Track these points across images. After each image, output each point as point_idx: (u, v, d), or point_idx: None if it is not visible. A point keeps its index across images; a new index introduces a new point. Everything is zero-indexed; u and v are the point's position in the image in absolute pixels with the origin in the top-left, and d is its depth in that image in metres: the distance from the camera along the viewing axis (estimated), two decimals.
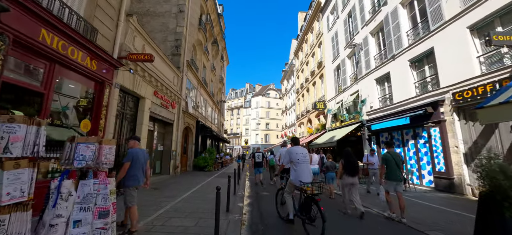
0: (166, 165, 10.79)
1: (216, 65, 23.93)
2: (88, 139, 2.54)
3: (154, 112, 9.11)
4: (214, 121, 23.92)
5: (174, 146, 11.28)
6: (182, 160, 13.47)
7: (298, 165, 4.00)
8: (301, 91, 27.67)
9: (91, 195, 2.38)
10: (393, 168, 4.73)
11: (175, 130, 11.52)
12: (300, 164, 4.00)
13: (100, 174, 2.53)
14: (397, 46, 10.17)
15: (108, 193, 2.52)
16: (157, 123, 10.28)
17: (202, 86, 17.31)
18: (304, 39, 27.07)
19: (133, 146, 3.75)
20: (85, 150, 2.41)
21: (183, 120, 12.72)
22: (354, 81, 14.30)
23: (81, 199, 2.33)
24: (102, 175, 2.54)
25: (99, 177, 2.51)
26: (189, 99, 13.61)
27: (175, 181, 9.29)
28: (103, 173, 2.56)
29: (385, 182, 4.86)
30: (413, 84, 9.41)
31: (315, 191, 3.66)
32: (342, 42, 16.15)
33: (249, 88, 64.43)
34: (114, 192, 2.72)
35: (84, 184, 2.37)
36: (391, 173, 4.75)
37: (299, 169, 3.98)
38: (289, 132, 35.06)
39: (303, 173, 3.94)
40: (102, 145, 2.54)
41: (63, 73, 4.79)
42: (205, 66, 19.04)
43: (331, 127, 17.14)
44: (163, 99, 9.81)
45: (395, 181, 4.72)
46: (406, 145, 9.57)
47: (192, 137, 14.93)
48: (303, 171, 3.96)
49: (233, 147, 58.37)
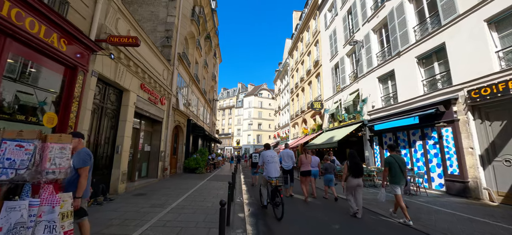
0: (154, 167, 9.71)
1: (208, 62, 22.88)
2: (21, 133, 1.58)
3: (140, 108, 8.05)
4: (206, 120, 22.83)
5: (163, 146, 10.22)
6: (172, 162, 12.39)
7: (268, 164, 5.31)
8: (296, 91, 27.12)
9: (22, 225, 1.45)
10: (397, 171, 4.70)
11: (164, 129, 10.46)
12: (269, 164, 5.29)
13: (44, 190, 1.61)
14: (403, 42, 9.69)
15: (56, 218, 1.60)
16: (144, 120, 9.20)
17: (194, 82, 16.25)
18: (299, 38, 26.55)
19: (77, 147, 2.70)
20: (15, 152, 1.48)
21: (173, 117, 11.66)
22: (354, 80, 13.81)
23: (4, 233, 1.40)
24: (47, 190, 1.61)
25: (42, 194, 1.59)
26: (180, 95, 12.56)
27: (163, 185, 8.27)
28: (48, 187, 1.63)
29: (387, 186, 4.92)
30: (421, 82, 8.93)
31: (278, 183, 4.83)
32: (340, 40, 15.66)
33: (241, 88, 63.48)
34: (70, 214, 1.80)
35: (10, 208, 1.44)
36: (395, 176, 4.70)
37: (268, 168, 5.26)
38: (283, 132, 34.46)
39: (271, 171, 5.21)
40: (46, 144, 1.61)
41: (18, 51, 3.73)
42: (197, 62, 17.98)
43: (328, 127, 16.60)
44: (151, 94, 8.76)
45: (399, 184, 4.70)
46: (413, 146, 9.07)
47: (183, 136, 13.86)
48: (271, 169, 5.23)
49: (224, 147, 57.14)
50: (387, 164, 4.82)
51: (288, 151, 7.39)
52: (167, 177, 10.66)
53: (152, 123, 9.95)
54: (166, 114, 10.56)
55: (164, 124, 10.35)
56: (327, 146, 13.27)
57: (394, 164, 4.74)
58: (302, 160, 6.97)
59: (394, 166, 4.73)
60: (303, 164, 6.92)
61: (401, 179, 4.69)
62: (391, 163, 4.77)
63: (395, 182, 4.71)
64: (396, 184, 4.70)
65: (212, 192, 7.38)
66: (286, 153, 7.27)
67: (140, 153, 9.05)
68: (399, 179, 4.68)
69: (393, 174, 4.73)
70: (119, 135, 6.86)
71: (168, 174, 10.97)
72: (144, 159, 9.49)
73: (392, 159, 4.80)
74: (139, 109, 8.02)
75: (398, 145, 9.88)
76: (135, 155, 8.55)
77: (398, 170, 4.70)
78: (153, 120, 9.62)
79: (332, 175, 7.13)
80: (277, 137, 38.03)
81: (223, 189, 7.98)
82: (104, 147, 6.38)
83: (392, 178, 4.75)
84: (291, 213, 5.22)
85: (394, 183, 4.72)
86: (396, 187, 4.69)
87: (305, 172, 6.88)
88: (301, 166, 6.94)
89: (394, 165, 4.73)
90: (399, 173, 4.69)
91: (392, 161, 4.78)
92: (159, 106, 9.70)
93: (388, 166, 4.80)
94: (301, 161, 6.97)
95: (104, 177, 6.30)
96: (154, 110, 9.27)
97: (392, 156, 4.86)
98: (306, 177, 6.88)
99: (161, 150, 10.00)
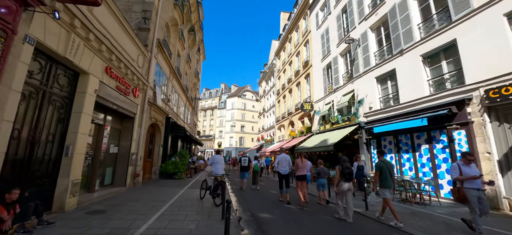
0: (122, 172, 7.88)
1: (192, 57, 21.06)
2: None
3: (104, 98, 6.29)
4: (187, 119, 20.91)
5: (134, 148, 8.42)
6: (146, 166, 10.52)
7: (216, 164, 6.65)
8: (282, 93, 26.33)
9: None
10: (387, 175, 4.92)
11: (137, 126, 8.67)
12: (217, 164, 6.65)
13: None
14: (407, 40, 9.15)
15: None
16: (109, 114, 7.38)
17: (175, 77, 14.46)
18: (287, 38, 25.88)
19: None
20: None
21: (148, 114, 9.87)
22: (348, 80, 13.19)
23: None
24: None
25: None
26: (158, 89, 10.79)
27: (132, 197, 6.55)
28: None
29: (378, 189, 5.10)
30: (427, 82, 8.38)
31: (223, 179, 5.91)
32: (334, 39, 15.06)
33: (224, 89, 61.67)
34: None
35: None
36: (386, 180, 4.90)
37: (215, 167, 6.63)
38: (267, 135, 33.44)
39: (218, 169, 6.56)
40: None
41: None
42: (179, 54, 16.20)
43: (319, 130, 15.84)
44: (120, 81, 7.02)
45: (390, 188, 4.93)
46: (418, 150, 8.46)
47: (160, 136, 12.02)
48: (218, 168, 6.59)
49: (205, 150, 54.63)
50: (378, 168, 4.98)
51: (285, 155, 7.22)
52: (139, 184, 8.84)
53: (121, 118, 8.13)
54: (140, 109, 8.78)
55: (137, 120, 8.56)
56: (321, 149, 12.39)
57: (385, 168, 4.94)
58: (298, 164, 6.78)
59: (384, 171, 4.92)
60: (299, 168, 6.76)
61: (391, 182, 4.93)
62: (381, 168, 4.95)
63: (386, 186, 4.90)
64: (386, 187, 4.90)
65: (196, 205, 5.89)
66: (283, 157, 7.13)
67: (104, 156, 7.21)
68: (389, 183, 4.90)
69: (383, 178, 4.91)
70: (70, 131, 5.09)
71: (140, 181, 9.14)
72: (109, 163, 7.63)
73: (383, 163, 5.01)
74: (103, 100, 6.26)
75: (400, 149, 9.25)
76: (96, 158, 6.72)
77: (388, 174, 4.91)
78: (123, 114, 7.82)
79: (324, 179, 7.11)
80: (261, 139, 36.93)
81: (209, 200, 6.52)
82: (45, 146, 4.59)
83: (382, 182, 4.92)
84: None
85: (385, 187, 4.90)
86: (386, 191, 4.90)
87: (301, 176, 6.74)
88: (297, 170, 6.78)
89: (385, 169, 4.93)
90: (389, 177, 4.91)
91: (383, 165, 4.97)
92: (131, 99, 7.94)
93: (379, 170, 4.96)
94: (297, 165, 6.79)
95: (44, 190, 4.52)
96: (125, 103, 7.51)
97: (382, 161, 5.10)
98: (302, 181, 6.75)
99: (132, 152, 8.20)
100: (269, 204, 6.92)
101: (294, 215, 5.58)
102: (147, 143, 10.54)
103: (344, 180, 5.14)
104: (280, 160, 7.10)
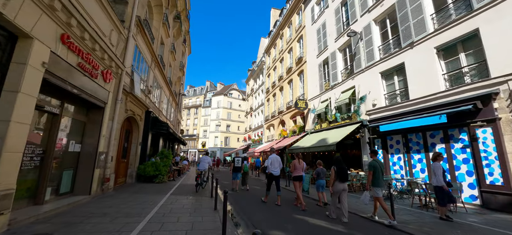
0: (86, 177, 6.17)
1: (177, 48, 19.21)
2: None
3: (59, 77, 4.64)
4: (170, 116, 19.01)
5: (103, 146, 6.73)
6: (120, 168, 8.77)
7: (201, 162, 8.79)
8: (272, 91, 25.34)
9: None
10: (380, 175, 5.07)
11: (108, 119, 6.98)
12: (202, 162, 8.79)
13: None
14: (418, 31, 8.48)
15: None
16: (69, 101, 5.67)
17: (158, 66, 12.70)
18: (279, 34, 24.96)
19: None
20: None
21: (124, 105, 8.18)
22: (348, 76, 12.44)
23: None
24: None
25: None
26: (136, 76, 9.09)
27: (98, 209, 4.96)
28: None
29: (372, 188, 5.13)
30: (442, 76, 7.73)
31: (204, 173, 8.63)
32: (332, 33, 14.30)
33: (209, 87, 59.51)
34: None
35: None
36: (378, 179, 5.06)
37: (200, 164, 8.75)
38: (255, 134, 32.25)
39: (202, 166, 8.67)
40: None
41: None
42: (163, 42, 14.42)
43: (314, 129, 14.98)
44: (85, 58, 5.37)
45: (381, 187, 5.11)
46: (431, 150, 7.77)
47: (138, 133, 10.26)
48: (202, 165, 8.72)
49: (188, 150, 52.03)
50: (372, 167, 5.11)
51: (276, 156, 7.07)
52: (109, 190, 7.13)
53: (86, 108, 6.42)
54: (112, 98, 7.10)
55: (108, 111, 6.87)
56: (320, 149, 11.46)
57: (378, 168, 5.07)
58: (296, 165, 6.69)
59: (377, 170, 5.06)
60: (296, 169, 6.67)
61: (382, 182, 5.15)
62: (375, 167, 5.07)
63: (378, 185, 5.06)
64: (379, 186, 5.07)
65: (184, 221, 4.47)
66: (275, 158, 6.96)
67: (60, 155, 5.50)
68: (381, 182, 5.09)
69: (376, 177, 5.05)
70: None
71: (111, 187, 7.42)
72: (69, 165, 5.89)
73: (376, 163, 5.13)
74: (58, 80, 4.61)
75: (410, 149, 8.55)
76: (48, 158, 5.00)
77: (380, 173, 5.07)
78: (89, 103, 6.12)
79: (324, 180, 6.97)
80: (248, 139, 35.64)
81: (200, 212, 5.14)
82: None
83: (375, 181, 5.06)
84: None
85: (377, 186, 5.06)
86: (378, 190, 5.07)
87: (298, 177, 6.64)
88: (295, 171, 6.68)
89: (377, 169, 5.06)
90: (381, 176, 5.08)
91: (376, 165, 5.09)
92: (100, 84, 6.27)
93: (373, 169, 5.07)
94: (295, 166, 6.69)
95: None
96: (91, 87, 5.84)
97: (375, 160, 5.20)
98: (299, 182, 6.65)
99: (100, 151, 6.51)
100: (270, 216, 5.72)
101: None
102: (122, 141, 8.79)
103: (339, 180, 5.25)
104: (272, 160, 6.88)
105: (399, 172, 8.92)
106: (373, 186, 5.05)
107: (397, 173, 8.98)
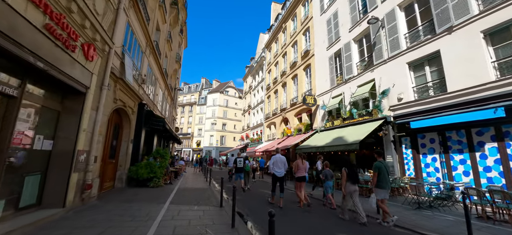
0: (58, 183, 4.67)
1: (173, 37, 17.60)
2: None
3: (11, 38, 3.16)
4: (165, 112, 17.40)
5: (84, 143, 5.22)
6: (106, 170, 7.25)
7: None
8: (274, 87, 24.07)
9: None
10: (385, 176, 4.97)
11: (91, 109, 5.48)
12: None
13: None
14: (459, 14, 7.39)
15: None
16: (33, 80, 4.16)
17: (153, 52, 11.16)
18: (281, 28, 23.69)
19: None
20: None
21: (112, 93, 6.68)
22: (366, 68, 11.30)
23: None
24: None
25: None
26: (128, 59, 7.58)
27: (71, 231, 3.51)
28: None
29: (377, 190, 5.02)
30: (491, 65, 6.64)
31: None
32: (345, 23, 13.14)
33: (205, 84, 57.69)
34: None
35: None
36: (383, 181, 4.95)
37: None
38: (253, 133, 30.92)
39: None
40: None
41: None
42: (159, 28, 12.87)
43: (324, 127, 13.80)
44: (56, 20, 3.89)
45: (386, 189, 4.97)
46: (479, 150, 6.68)
47: (130, 129, 8.73)
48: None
49: (182, 149, 50.13)
50: (377, 169, 5.00)
51: (280, 156, 6.82)
52: (91, 200, 5.62)
53: (61, 92, 4.90)
54: (96, 82, 5.60)
55: (90, 98, 5.37)
56: (338, 148, 10.28)
57: (383, 169, 4.97)
58: (299, 165, 6.49)
59: (383, 171, 4.96)
60: (299, 169, 6.49)
61: (388, 183, 5.00)
62: (380, 168, 4.98)
63: (383, 187, 4.94)
64: (383, 188, 4.95)
65: None
66: (279, 158, 6.72)
67: (22, 155, 3.99)
68: (386, 184, 4.96)
69: (381, 178, 4.96)
70: None
71: (95, 195, 5.91)
72: (34, 168, 4.37)
73: (381, 164, 5.03)
74: (9, 42, 3.13)
75: (448, 148, 7.45)
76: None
77: (386, 175, 4.98)
78: (64, 86, 4.62)
79: (332, 182, 6.89)
80: (246, 138, 34.18)
81: (217, 229, 3.77)
82: None
83: (380, 182, 4.97)
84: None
85: (382, 188, 4.95)
86: (383, 191, 4.95)
87: (301, 178, 6.48)
88: (298, 171, 6.49)
89: (383, 170, 4.97)
90: (387, 178, 4.99)
91: (381, 166, 5.00)
92: (79, 61, 4.77)
93: (378, 171, 4.99)
94: (298, 166, 6.50)
95: None
96: (66, 62, 4.35)
97: (381, 162, 5.08)
98: (301, 182, 6.50)
99: (79, 149, 5.01)
100: None
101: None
102: (110, 137, 7.28)
103: (351, 181, 5.24)
104: (276, 160, 6.65)
105: (433, 175, 7.81)
106: (378, 188, 5.00)
107: (431, 175, 7.88)
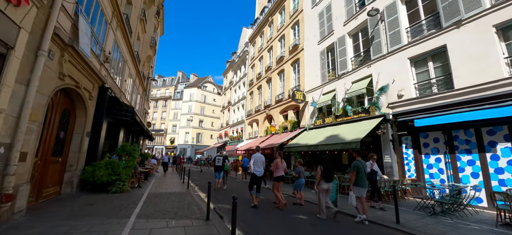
0: None
1: (148, 18, 15.28)
2: None
3: None
4: (136, 103, 15.06)
5: (5, 132, 3.38)
6: (48, 172, 5.29)
7: None
8: (257, 83, 22.94)
9: None
10: (363, 175, 5.14)
11: (16, 81, 3.63)
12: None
13: None
14: (469, 7, 6.99)
15: None
16: None
17: (121, 26, 9.11)
18: (267, 21, 22.60)
19: None
20: None
21: (57, 64, 4.79)
22: (362, 64, 10.73)
23: None
24: None
25: None
26: (85, 24, 5.65)
27: None
28: None
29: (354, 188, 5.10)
30: (504, 61, 6.30)
31: None
32: (340, 16, 12.50)
33: (181, 78, 54.26)
34: None
35: None
36: (361, 179, 5.11)
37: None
38: (233, 131, 29.41)
39: None
40: None
41: None
42: (131, 2, 10.74)
43: (314, 124, 13.04)
44: None
45: (365, 187, 5.12)
46: (490, 150, 6.30)
47: (86, 117, 6.73)
48: None
49: (153, 146, 46.28)
50: (355, 168, 5.13)
51: (260, 155, 6.67)
52: (15, 216, 3.77)
53: None
54: (27, 40, 3.75)
55: (13, 64, 3.53)
56: (334, 147, 9.48)
57: (361, 168, 5.14)
58: (278, 165, 6.41)
59: (361, 170, 5.12)
60: (278, 169, 6.40)
61: (366, 182, 5.16)
62: (358, 167, 5.13)
63: (362, 185, 5.07)
64: (362, 186, 5.07)
65: None
66: (259, 157, 6.56)
67: None
68: (364, 182, 5.10)
69: (359, 177, 5.10)
70: None
71: (23, 208, 4.02)
72: None
73: (360, 163, 5.20)
74: None
75: (454, 148, 7.02)
76: None
77: (363, 174, 5.14)
78: None
79: (303, 179, 6.96)
80: (225, 136, 32.47)
81: None
82: None
83: (358, 181, 5.09)
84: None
85: (361, 186, 5.07)
86: (362, 189, 5.08)
87: (279, 178, 6.39)
88: (276, 171, 6.40)
89: (361, 169, 5.13)
90: (364, 176, 5.14)
91: (360, 165, 5.17)
92: None
93: (356, 169, 5.12)
94: (277, 165, 6.41)
95: None
96: None
97: (359, 161, 5.25)
98: (280, 182, 6.44)
99: None
100: None
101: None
102: (53, 126, 5.32)
103: (324, 180, 5.29)
104: (256, 160, 6.49)
105: (437, 176, 7.37)
106: (357, 186, 5.07)
107: (434, 177, 7.43)
